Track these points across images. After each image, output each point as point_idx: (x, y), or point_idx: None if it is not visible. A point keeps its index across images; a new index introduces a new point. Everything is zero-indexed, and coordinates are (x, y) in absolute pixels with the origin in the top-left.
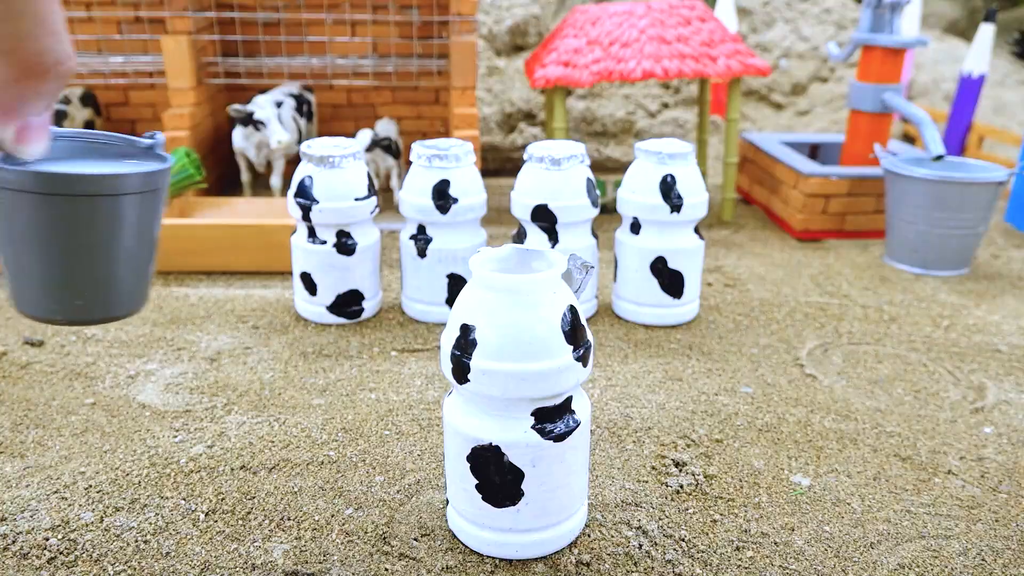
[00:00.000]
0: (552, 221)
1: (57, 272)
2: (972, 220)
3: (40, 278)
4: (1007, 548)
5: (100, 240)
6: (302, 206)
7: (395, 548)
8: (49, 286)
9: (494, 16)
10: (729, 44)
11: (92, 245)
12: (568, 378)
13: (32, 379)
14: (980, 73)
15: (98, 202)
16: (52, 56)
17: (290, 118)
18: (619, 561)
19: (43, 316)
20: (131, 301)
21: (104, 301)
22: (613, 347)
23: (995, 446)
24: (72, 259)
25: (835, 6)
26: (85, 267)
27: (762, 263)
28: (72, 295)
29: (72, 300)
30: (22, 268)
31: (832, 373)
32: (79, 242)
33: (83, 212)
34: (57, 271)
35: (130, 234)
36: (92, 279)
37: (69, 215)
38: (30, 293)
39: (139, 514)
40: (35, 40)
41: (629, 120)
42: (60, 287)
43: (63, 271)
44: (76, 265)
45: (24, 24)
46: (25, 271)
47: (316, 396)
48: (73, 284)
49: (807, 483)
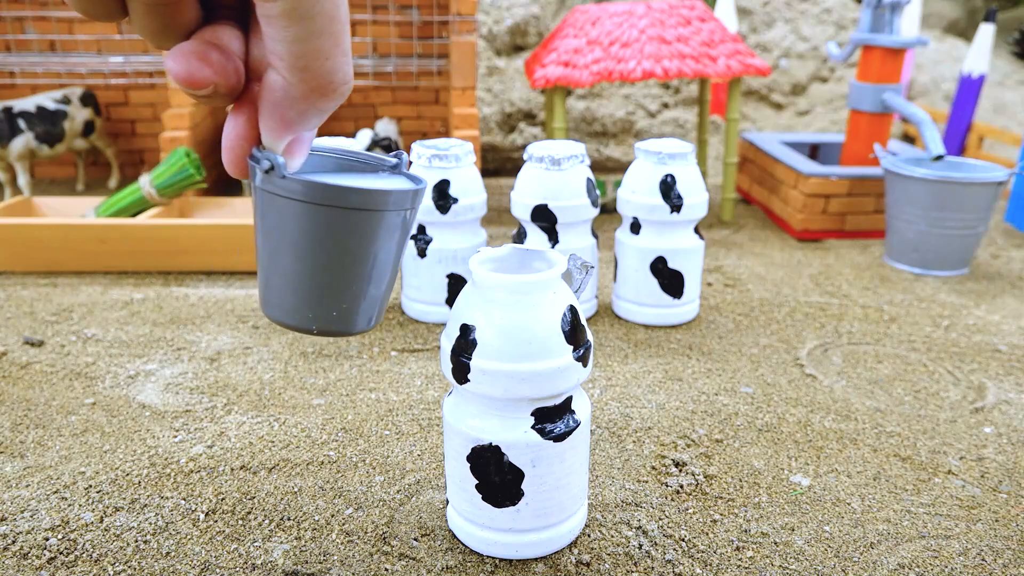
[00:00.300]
0: (552, 221)
1: (323, 283)
2: (972, 220)
3: (306, 288)
4: (1007, 548)
5: (367, 254)
6: None
7: (395, 548)
8: (311, 296)
9: (494, 16)
10: (729, 44)
11: (359, 258)
12: (568, 378)
13: (32, 379)
14: (980, 73)
15: (371, 216)
16: (341, 76)
17: None
18: (619, 561)
19: (297, 324)
20: (375, 318)
21: (355, 315)
22: (613, 347)
23: (995, 446)
24: (339, 271)
25: (835, 6)
26: (348, 280)
27: (762, 263)
28: (331, 307)
29: (329, 311)
30: (286, 277)
31: (832, 373)
32: (348, 255)
33: (357, 225)
34: (323, 282)
35: (390, 250)
36: (351, 291)
37: (345, 227)
38: (290, 301)
39: (139, 514)
40: (329, 59)
41: (629, 120)
42: (322, 298)
43: (329, 283)
44: (341, 278)
45: (322, 43)
46: (291, 280)
47: (316, 396)
48: (335, 296)
49: (807, 483)
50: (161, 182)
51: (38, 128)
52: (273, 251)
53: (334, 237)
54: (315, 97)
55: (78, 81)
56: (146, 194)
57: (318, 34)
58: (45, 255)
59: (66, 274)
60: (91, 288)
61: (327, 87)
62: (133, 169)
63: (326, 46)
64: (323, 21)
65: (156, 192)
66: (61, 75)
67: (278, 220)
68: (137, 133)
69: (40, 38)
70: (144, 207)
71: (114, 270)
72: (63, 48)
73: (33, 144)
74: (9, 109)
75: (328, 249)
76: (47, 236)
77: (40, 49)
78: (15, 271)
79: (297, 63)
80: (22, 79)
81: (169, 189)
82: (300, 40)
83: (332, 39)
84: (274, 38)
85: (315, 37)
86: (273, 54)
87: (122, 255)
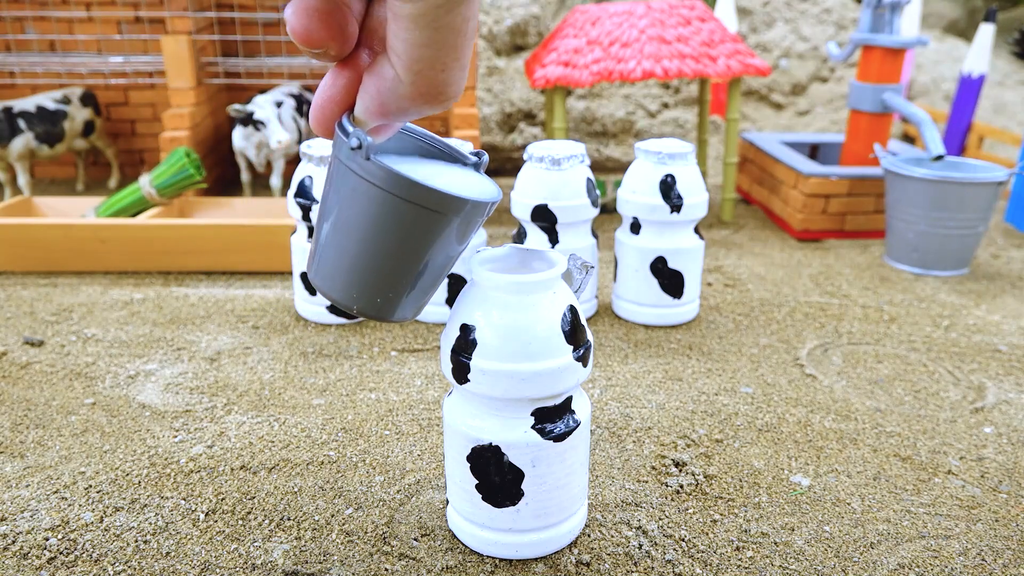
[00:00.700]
0: (552, 221)
1: (377, 270)
2: (972, 220)
3: (360, 269)
4: (1007, 548)
5: (425, 252)
6: (302, 206)
7: (395, 548)
8: (364, 279)
9: (494, 16)
10: (729, 44)
11: (417, 255)
12: (568, 378)
13: (32, 379)
14: (980, 73)
15: (442, 219)
16: (453, 89)
17: (290, 118)
18: (619, 561)
19: (341, 300)
20: (414, 310)
21: (398, 306)
22: (613, 347)
23: (995, 446)
24: (395, 263)
25: (835, 6)
26: (402, 272)
27: (762, 263)
28: (378, 293)
29: (375, 297)
30: (343, 253)
31: (832, 373)
32: (409, 249)
33: (426, 224)
34: (377, 269)
35: (448, 252)
36: (402, 283)
37: (414, 223)
38: (341, 277)
39: (139, 514)
40: (445, 72)
41: (629, 120)
42: (372, 283)
43: (383, 271)
44: (396, 269)
45: (442, 55)
46: (348, 258)
47: (316, 396)
48: (384, 284)
49: (807, 483)
50: (161, 182)
51: (38, 128)
52: (337, 225)
53: (401, 229)
54: (421, 101)
55: (78, 81)
56: (146, 194)
57: (440, 45)
58: (45, 255)
59: (66, 274)
60: (91, 288)
61: (436, 96)
62: (133, 169)
63: (445, 58)
64: (448, 34)
65: (156, 192)
66: (61, 75)
67: (351, 198)
68: (137, 133)
69: (40, 38)
70: (144, 207)
71: (114, 270)
72: (63, 48)
73: (33, 144)
74: (9, 109)
75: (391, 239)
76: (47, 236)
77: (40, 49)
78: (15, 271)
79: (413, 66)
80: (22, 79)
81: (169, 189)
82: (422, 46)
83: (453, 53)
84: (397, 36)
85: (437, 47)
86: (393, 50)
87: (122, 255)
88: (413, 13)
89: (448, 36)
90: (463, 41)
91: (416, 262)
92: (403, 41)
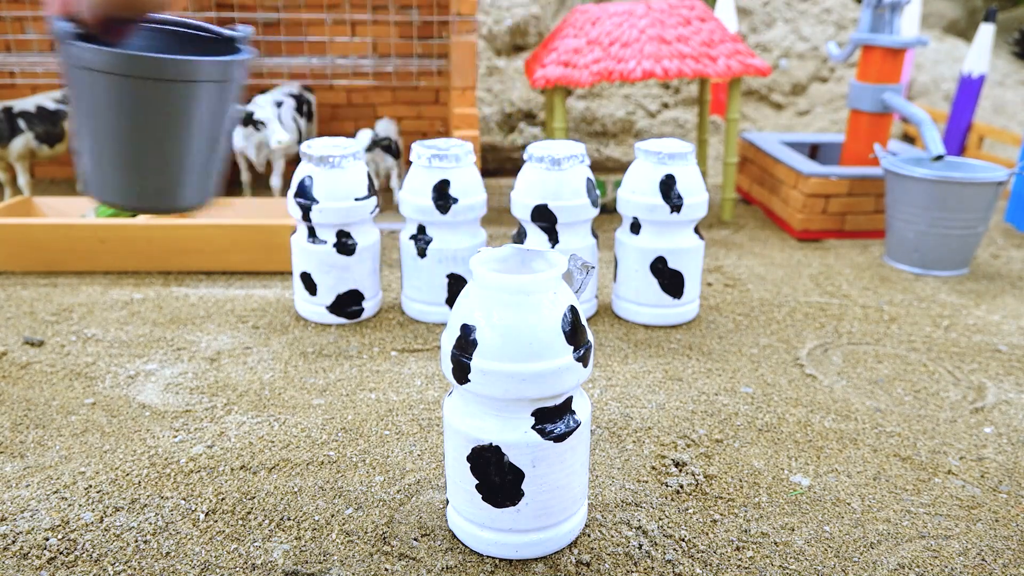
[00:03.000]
0: (552, 221)
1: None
2: (972, 220)
3: (116, 160)
4: (1007, 548)
5: (175, 124)
6: (302, 206)
7: (395, 548)
8: (124, 168)
9: (494, 16)
10: (729, 44)
11: (167, 128)
12: (568, 378)
13: (32, 379)
14: (980, 73)
15: (176, 87)
16: None
17: (290, 118)
18: (619, 561)
19: (118, 200)
20: (198, 194)
21: (173, 188)
22: (613, 347)
23: (995, 446)
24: (147, 141)
25: (835, 6)
26: (159, 150)
27: (762, 263)
28: (144, 178)
29: (144, 183)
30: (101, 151)
31: (832, 373)
32: (155, 125)
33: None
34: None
35: (201, 122)
36: (164, 163)
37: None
38: (106, 177)
39: (139, 514)
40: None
41: (629, 120)
42: (134, 170)
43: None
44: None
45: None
46: (105, 154)
47: (316, 396)
48: (145, 167)
49: (807, 483)
50: None
51: (38, 128)
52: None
53: (146, 110)
54: None
55: None
56: None
57: None
58: (45, 255)
59: (66, 274)
60: (91, 288)
61: None
62: None
63: None
64: None
65: None
66: (61, 75)
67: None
68: None
69: (40, 38)
70: None
71: (114, 270)
72: None
73: (33, 144)
74: (9, 109)
75: (142, 123)
76: (47, 236)
77: (40, 49)
78: (15, 271)
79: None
80: (22, 79)
81: None
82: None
83: None
84: None
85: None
86: None
87: (122, 255)
88: None
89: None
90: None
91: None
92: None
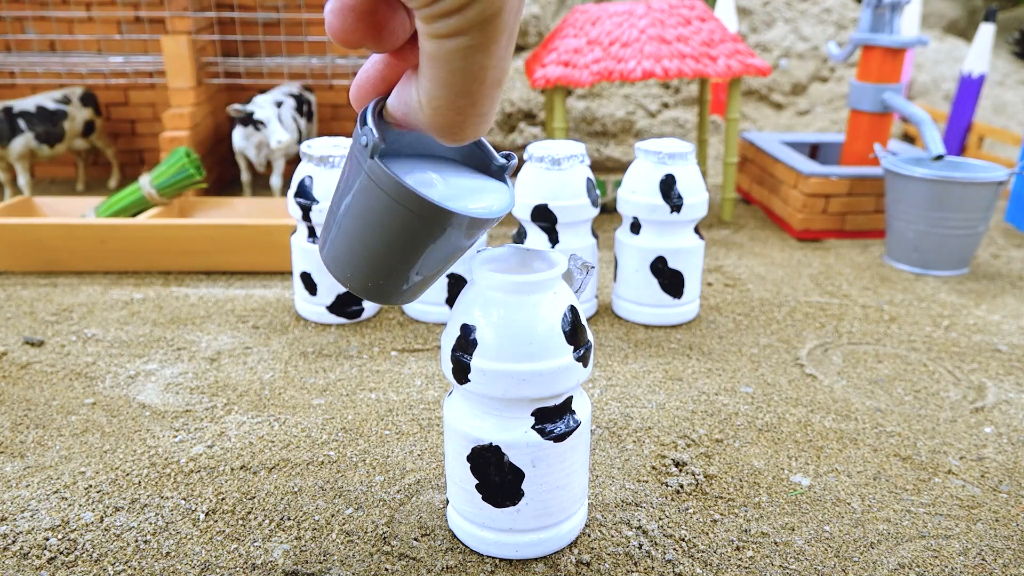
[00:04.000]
0: (552, 221)
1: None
2: (972, 220)
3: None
4: (1007, 548)
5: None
6: (302, 206)
7: (395, 548)
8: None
9: None
10: (729, 44)
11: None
12: (568, 378)
13: (32, 379)
14: (980, 73)
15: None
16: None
17: (290, 118)
18: (619, 561)
19: (336, 276)
20: (408, 299)
21: (390, 293)
22: (613, 347)
23: (995, 446)
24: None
25: (835, 6)
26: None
27: (762, 263)
28: (370, 279)
29: (367, 281)
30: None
31: (832, 373)
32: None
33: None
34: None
35: (444, 255)
36: (395, 276)
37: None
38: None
39: (139, 514)
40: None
41: (629, 120)
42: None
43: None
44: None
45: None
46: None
47: (316, 396)
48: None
49: (807, 483)
50: (161, 182)
51: (38, 128)
52: (342, 207)
53: (395, 230)
54: (436, 133)
55: (78, 81)
56: (146, 194)
57: (456, 89)
58: (45, 255)
59: (66, 274)
60: (91, 288)
61: (450, 134)
62: (133, 169)
63: (461, 102)
64: (464, 79)
65: (156, 192)
66: (61, 75)
67: (356, 187)
68: (137, 133)
69: (40, 38)
70: (144, 207)
71: (114, 270)
72: (63, 48)
73: (33, 144)
74: (9, 109)
75: (385, 236)
76: (47, 236)
77: (40, 49)
78: (15, 271)
79: (431, 102)
80: (22, 79)
81: (169, 189)
82: (439, 85)
83: (469, 99)
84: (421, 68)
85: (453, 90)
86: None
87: (122, 255)
88: (431, 52)
89: (464, 82)
90: (480, 89)
91: (409, 261)
92: (423, 75)
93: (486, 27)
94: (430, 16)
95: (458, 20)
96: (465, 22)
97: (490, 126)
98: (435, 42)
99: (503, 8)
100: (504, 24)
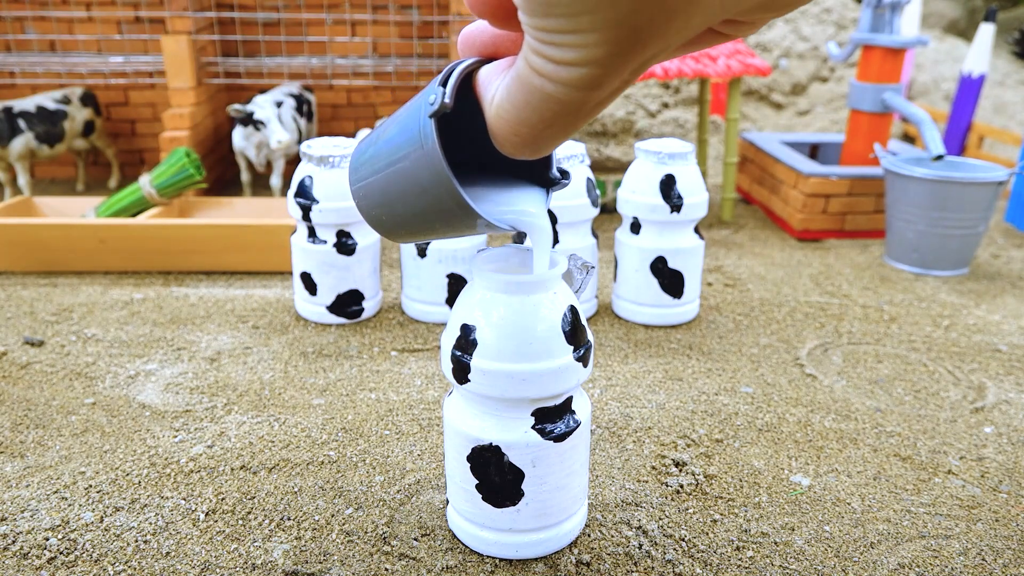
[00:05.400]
0: (552, 221)
1: (390, 206)
2: (972, 220)
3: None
4: (1007, 548)
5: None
6: (302, 206)
7: (395, 548)
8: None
9: None
10: (729, 44)
11: (429, 222)
12: (568, 378)
13: (32, 379)
14: (980, 73)
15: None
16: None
17: (290, 118)
18: (619, 561)
19: (355, 201)
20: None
21: (397, 234)
22: (613, 347)
23: (995, 446)
24: (406, 213)
25: (835, 6)
26: (408, 221)
27: (762, 263)
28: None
29: (380, 217)
30: (373, 173)
31: (832, 373)
32: (423, 213)
33: (440, 206)
34: (390, 205)
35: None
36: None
37: (436, 206)
38: (362, 188)
39: (139, 514)
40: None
41: (629, 120)
42: (380, 210)
43: (394, 209)
44: (406, 216)
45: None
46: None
47: (316, 396)
48: (389, 217)
49: (807, 483)
50: (161, 182)
51: (38, 128)
52: (381, 150)
53: (420, 199)
54: (489, 130)
55: (78, 81)
56: (146, 194)
57: (521, 116)
58: (45, 255)
59: (66, 274)
60: (91, 288)
61: (497, 141)
62: (133, 169)
63: (531, 118)
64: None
65: (156, 192)
66: (61, 75)
67: (403, 137)
68: (137, 133)
69: (40, 38)
70: (144, 207)
71: (114, 270)
72: (63, 48)
73: (33, 144)
74: (9, 109)
75: (408, 197)
76: (47, 236)
77: (40, 49)
78: (15, 271)
79: (498, 107)
80: (22, 79)
81: (169, 189)
82: (510, 100)
83: (530, 131)
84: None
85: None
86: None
87: (122, 255)
88: (520, 70)
89: (533, 116)
90: (544, 131)
91: (424, 225)
92: (505, 80)
93: (575, 92)
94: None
95: (556, 70)
96: (565, 75)
97: (541, 156)
98: (527, 68)
99: (600, 85)
100: (593, 100)
